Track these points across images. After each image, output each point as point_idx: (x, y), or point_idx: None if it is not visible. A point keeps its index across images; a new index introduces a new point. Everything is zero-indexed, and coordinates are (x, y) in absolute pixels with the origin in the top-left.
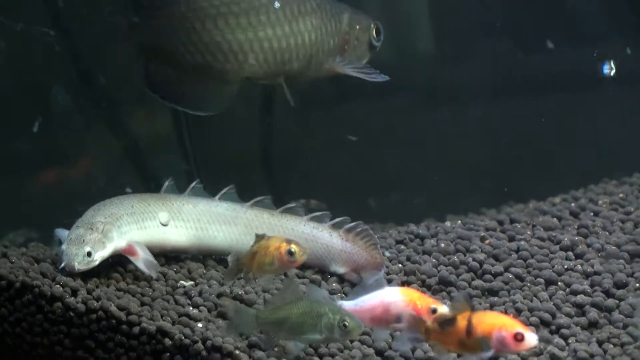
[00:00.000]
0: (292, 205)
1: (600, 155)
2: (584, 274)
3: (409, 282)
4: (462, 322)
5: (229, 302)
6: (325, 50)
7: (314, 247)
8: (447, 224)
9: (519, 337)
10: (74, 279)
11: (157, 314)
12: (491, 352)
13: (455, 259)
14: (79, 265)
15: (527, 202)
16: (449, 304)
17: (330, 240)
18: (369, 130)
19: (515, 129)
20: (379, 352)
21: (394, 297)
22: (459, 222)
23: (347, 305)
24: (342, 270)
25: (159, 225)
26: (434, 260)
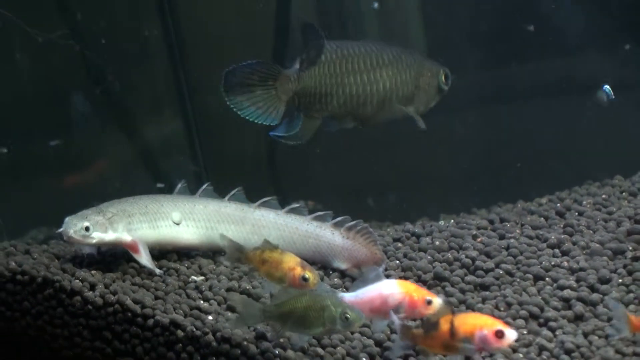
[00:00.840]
0: (297, 205)
1: (584, 158)
2: (570, 270)
3: (405, 278)
4: (445, 326)
5: (237, 297)
6: (398, 96)
7: (317, 245)
8: (441, 223)
9: (500, 335)
10: (92, 275)
11: (170, 307)
12: (474, 351)
13: (449, 255)
14: (74, 234)
15: (516, 202)
16: (442, 297)
17: (332, 238)
18: (369, 134)
19: (504, 134)
20: (378, 343)
21: (392, 289)
22: (452, 221)
23: (348, 297)
24: (343, 266)
25: (171, 224)
26: (429, 257)
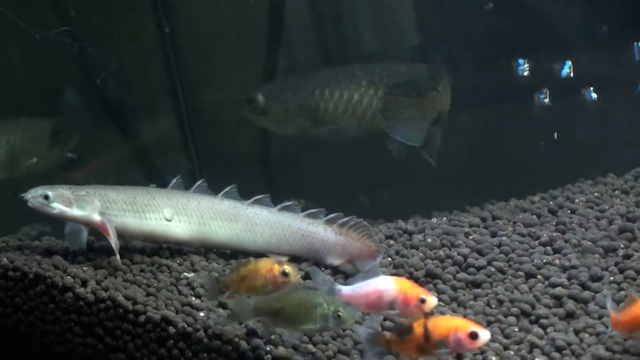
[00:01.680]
0: (289, 203)
1: (576, 156)
2: (561, 268)
3: (397, 275)
4: (418, 329)
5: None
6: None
7: (310, 242)
8: (434, 220)
9: (474, 336)
10: (84, 271)
11: (162, 304)
12: (449, 353)
13: (441, 253)
14: (32, 200)
15: (508, 200)
16: (435, 294)
17: (325, 234)
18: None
19: (496, 132)
20: None
21: (387, 285)
22: (444, 218)
23: (345, 290)
24: (337, 262)
25: (162, 218)
26: (421, 254)
